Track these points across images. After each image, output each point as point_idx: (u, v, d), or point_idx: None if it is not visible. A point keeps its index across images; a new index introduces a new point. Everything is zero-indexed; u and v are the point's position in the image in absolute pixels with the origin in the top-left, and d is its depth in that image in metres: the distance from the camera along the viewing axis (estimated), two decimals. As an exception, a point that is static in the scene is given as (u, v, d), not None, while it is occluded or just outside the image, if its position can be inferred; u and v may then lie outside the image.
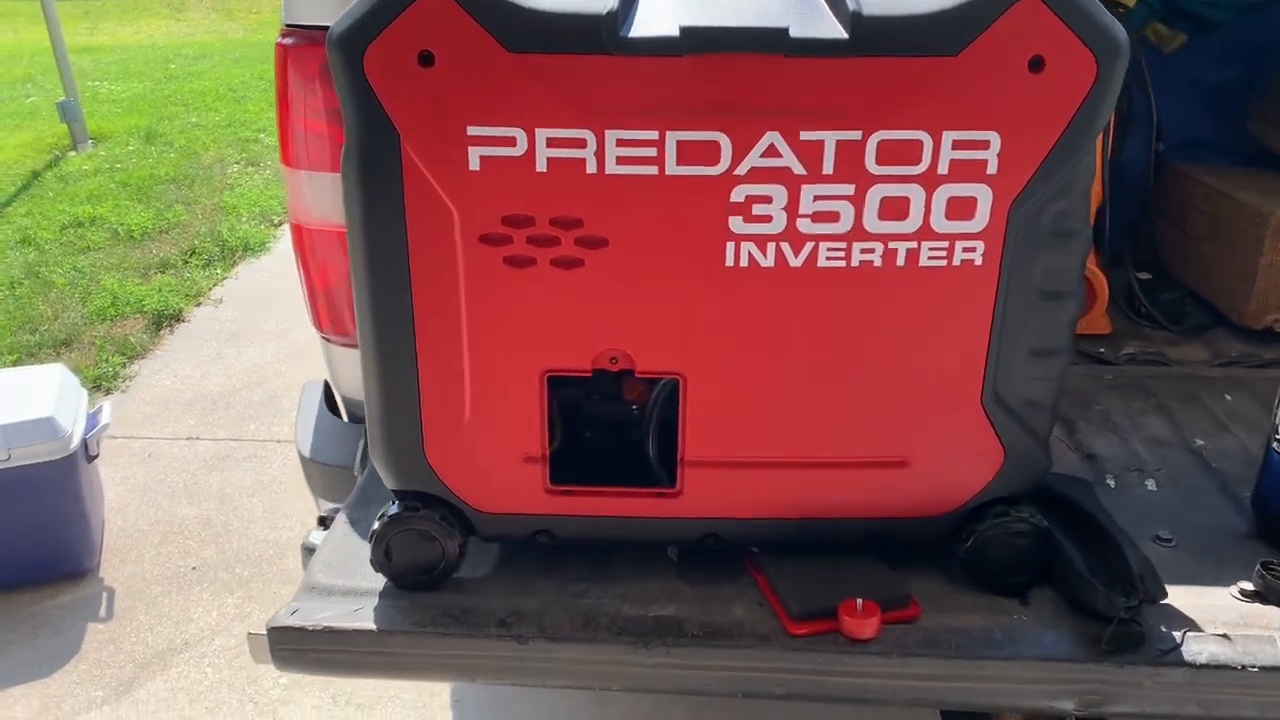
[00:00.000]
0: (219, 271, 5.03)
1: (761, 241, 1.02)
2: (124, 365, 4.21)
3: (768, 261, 1.03)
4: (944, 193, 1.01)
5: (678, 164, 1.00)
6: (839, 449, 1.12)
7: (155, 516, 3.31)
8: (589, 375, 1.10)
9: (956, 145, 0.99)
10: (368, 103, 1.00)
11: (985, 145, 0.99)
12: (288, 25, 1.59)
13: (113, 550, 3.16)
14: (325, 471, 1.76)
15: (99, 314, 4.55)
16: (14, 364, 4.06)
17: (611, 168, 1.00)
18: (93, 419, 3.01)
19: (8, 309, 4.56)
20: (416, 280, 1.06)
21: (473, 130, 1.00)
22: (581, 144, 0.99)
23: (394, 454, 1.14)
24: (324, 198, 1.64)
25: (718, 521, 1.15)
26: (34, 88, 8.59)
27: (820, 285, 1.04)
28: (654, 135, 0.99)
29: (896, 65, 0.96)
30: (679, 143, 0.99)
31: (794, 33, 0.95)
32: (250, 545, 3.16)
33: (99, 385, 4.05)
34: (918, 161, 1.00)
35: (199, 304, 4.73)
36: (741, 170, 1.00)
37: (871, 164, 1.00)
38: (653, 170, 1.00)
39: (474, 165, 1.01)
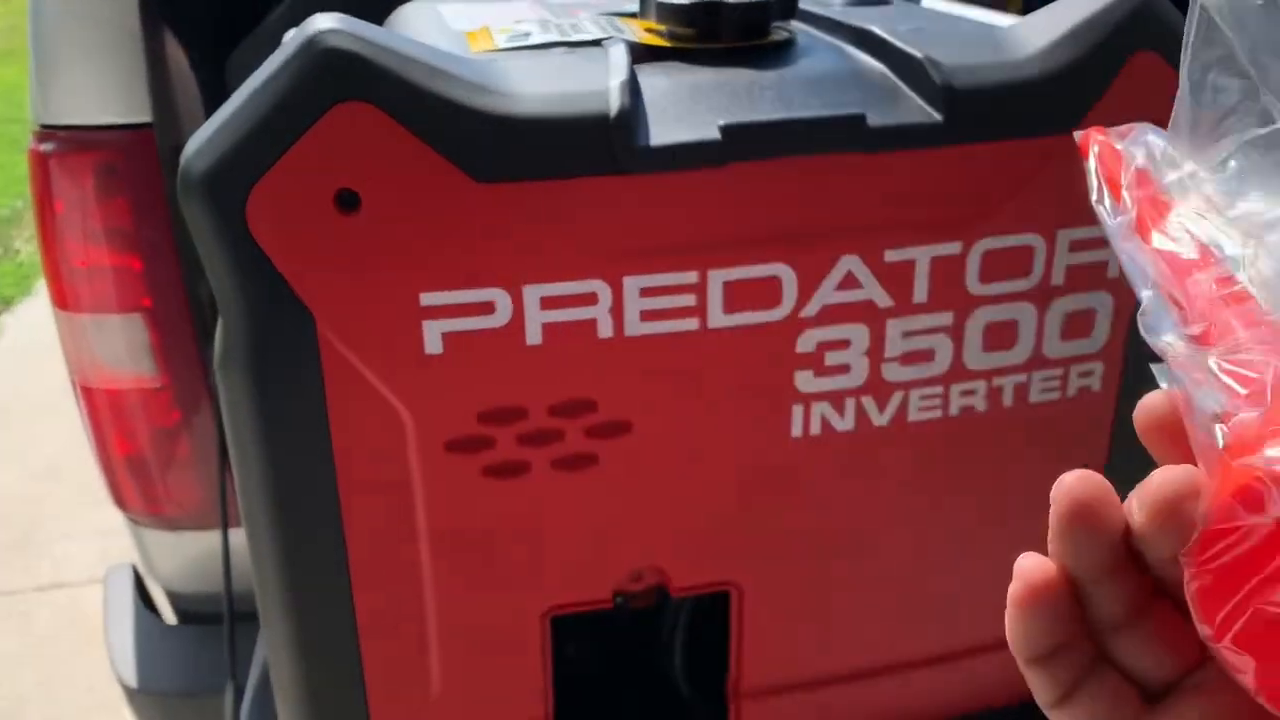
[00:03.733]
0: (-70, 384, 4.22)
1: (838, 399, 0.75)
2: None
3: (845, 424, 0.76)
4: (1059, 308, 0.77)
5: (726, 312, 0.71)
6: (938, 641, 0.86)
7: (-108, 714, 2.66)
8: (610, 606, 0.79)
9: (1075, 246, 0.75)
10: (258, 273, 0.64)
11: (1107, 243, 0.76)
12: (44, 126, 1.17)
13: None
14: (164, 704, 1.33)
15: None
16: None
17: (634, 328, 0.70)
18: None
19: None
20: (350, 513, 0.72)
21: (429, 299, 0.67)
22: (591, 300, 0.69)
23: None
24: (116, 347, 1.23)
25: None
26: None
27: (911, 445, 0.78)
28: (692, 277, 0.69)
29: (1003, 151, 0.72)
30: (726, 284, 0.70)
31: (872, 120, 0.68)
32: (27, 731, 2.58)
33: None
34: (1029, 273, 0.75)
35: (-91, 428, 3.93)
36: (810, 311, 0.72)
37: (974, 283, 0.74)
38: (691, 324, 0.70)
39: (432, 348, 0.68)
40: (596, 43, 0.75)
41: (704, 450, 0.74)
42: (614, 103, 0.65)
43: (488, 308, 0.67)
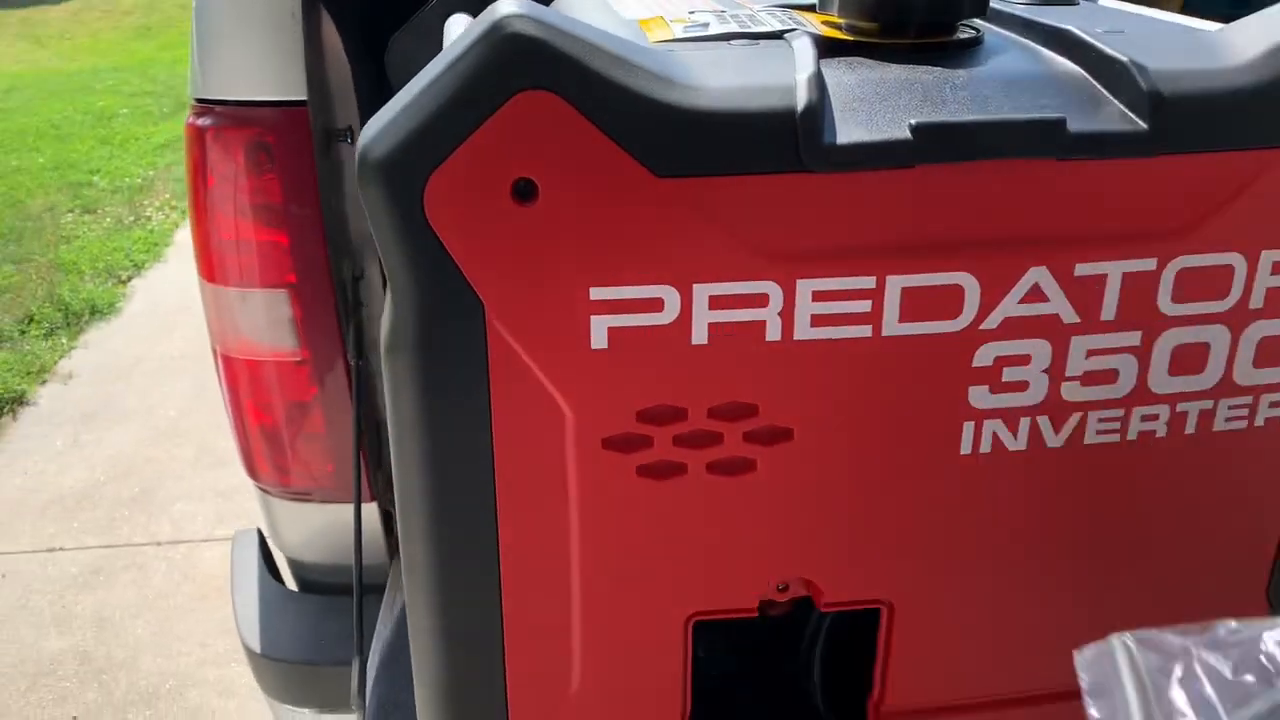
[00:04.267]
0: (64, 341, 4.41)
1: (1012, 417, 0.72)
2: (-41, 465, 3.60)
3: (1018, 444, 0.72)
4: (1254, 333, 0.72)
5: (901, 321, 0.68)
6: (1093, 675, 0.82)
7: (19, 655, 2.78)
8: (754, 615, 0.77)
9: (1278, 268, 0.70)
10: (432, 260, 0.64)
11: (1314, 266, 0.71)
12: (201, 101, 1.20)
13: (-31, 707, 2.63)
14: (285, 671, 1.36)
15: (-78, 405, 3.90)
16: None
17: (804, 332, 0.67)
18: (-67, 553, 2.48)
19: None
20: (505, 503, 0.71)
21: (599, 293, 0.65)
22: (761, 301, 0.66)
23: None
24: (259, 320, 1.25)
25: None
26: None
27: (1085, 468, 0.74)
28: (868, 283, 0.67)
29: (1210, 164, 0.67)
30: (905, 290, 0.67)
31: (1073, 125, 0.64)
32: (142, 680, 2.68)
33: (-69, 493, 3.44)
34: (1225, 294, 0.71)
35: (44, 382, 4.12)
36: (991, 323, 0.69)
37: (1166, 302, 0.70)
38: (864, 331, 0.68)
39: (598, 343, 0.66)
40: (778, 35, 0.73)
41: (866, 462, 0.72)
42: (801, 98, 0.63)
43: (656, 305, 0.66)
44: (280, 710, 1.42)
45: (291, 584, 1.55)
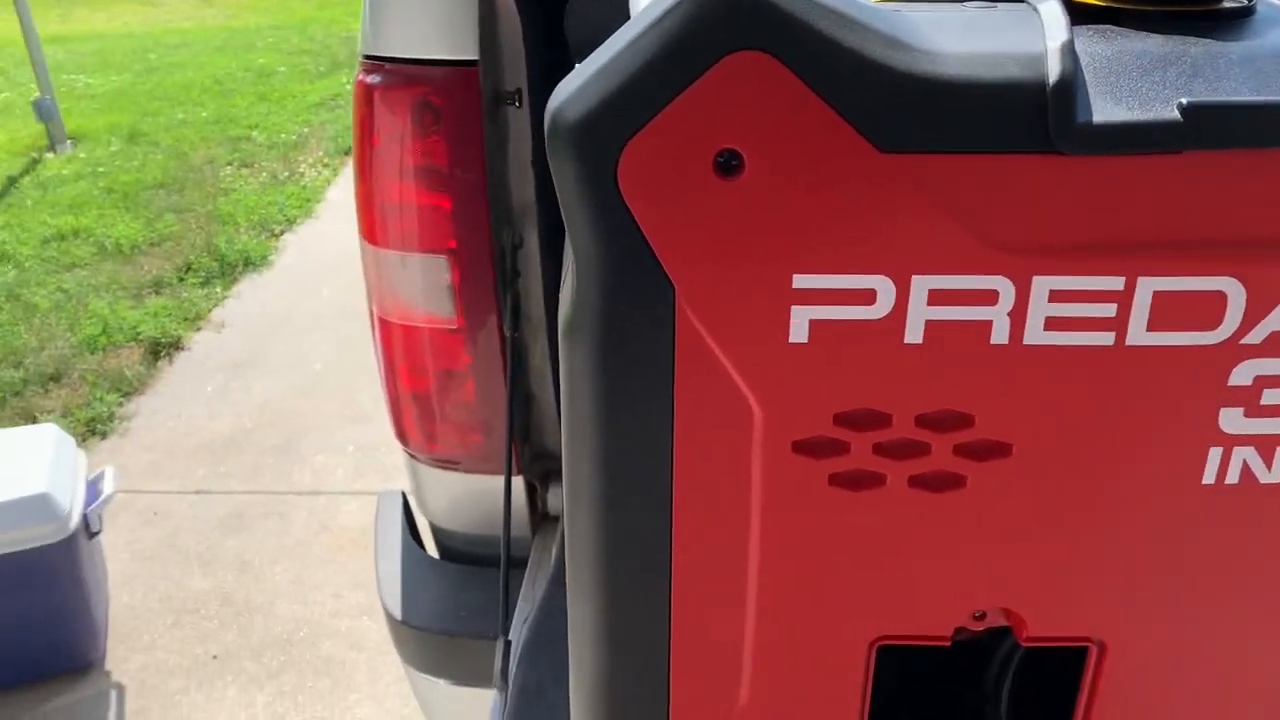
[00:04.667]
0: (219, 290, 4.58)
1: (1268, 445, 0.62)
2: (120, 404, 3.77)
3: (1271, 476, 0.63)
4: None
5: (1150, 329, 0.59)
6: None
7: (166, 591, 2.90)
8: (946, 644, 0.70)
9: None
10: (622, 235, 0.58)
11: None
12: (370, 58, 1.17)
13: (119, 636, 2.74)
14: (424, 640, 1.35)
15: (89, 343, 4.10)
16: (-3, 409, 3.63)
17: (1035, 336, 0.59)
18: (93, 489, 2.59)
19: (-12, 340, 4.11)
20: (682, 503, 0.65)
21: (803, 281, 0.59)
22: (990, 298, 0.59)
23: None
24: (418, 285, 1.22)
25: None
26: (5, 81, 8.05)
27: (1347, 509, 0.64)
28: (1116, 284, 0.58)
29: None
30: (1157, 295, 0.58)
31: (1379, 110, 0.54)
32: (277, 626, 2.75)
33: (92, 429, 3.62)
34: None
35: (199, 329, 4.28)
36: (1255, 337, 0.59)
37: None
38: (1105, 339, 0.59)
39: (798, 336, 0.60)
40: None
41: (1092, 486, 0.63)
42: (1052, 69, 0.55)
43: (867, 297, 0.59)
44: (415, 677, 1.41)
45: (432, 549, 1.54)
